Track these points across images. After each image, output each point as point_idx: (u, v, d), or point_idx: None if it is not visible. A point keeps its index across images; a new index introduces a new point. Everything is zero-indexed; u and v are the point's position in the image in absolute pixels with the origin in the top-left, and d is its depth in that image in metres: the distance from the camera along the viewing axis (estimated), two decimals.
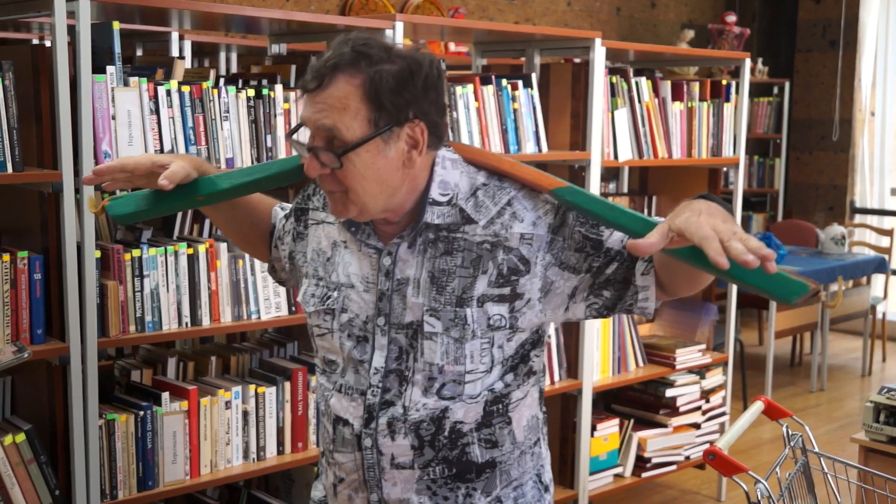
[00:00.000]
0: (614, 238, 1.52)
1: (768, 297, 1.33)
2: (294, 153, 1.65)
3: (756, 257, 1.19)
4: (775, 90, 7.66)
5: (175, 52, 3.64)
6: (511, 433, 1.58)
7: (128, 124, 2.50)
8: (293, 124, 2.80)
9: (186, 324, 2.67)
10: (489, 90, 3.19)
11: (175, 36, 3.62)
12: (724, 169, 4.58)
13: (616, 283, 1.52)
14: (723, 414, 4.13)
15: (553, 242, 1.51)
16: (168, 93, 2.57)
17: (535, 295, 1.52)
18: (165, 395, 2.66)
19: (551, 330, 3.49)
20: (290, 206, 1.79)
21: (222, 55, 4.27)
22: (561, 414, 3.64)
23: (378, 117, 1.43)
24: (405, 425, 1.52)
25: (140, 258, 2.57)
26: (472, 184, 1.54)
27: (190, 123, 2.60)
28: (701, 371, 4.03)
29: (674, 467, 3.96)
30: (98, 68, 2.44)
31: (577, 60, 3.86)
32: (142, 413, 2.60)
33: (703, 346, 4.05)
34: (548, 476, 1.69)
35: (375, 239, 1.55)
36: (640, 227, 1.45)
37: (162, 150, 2.55)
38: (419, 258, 1.52)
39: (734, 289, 4.16)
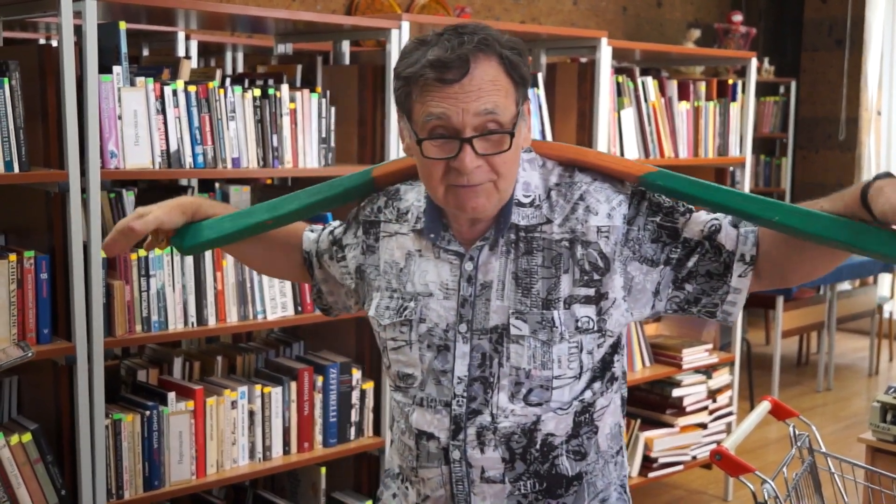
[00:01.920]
0: (692, 227, 1.49)
1: (884, 259, 1.33)
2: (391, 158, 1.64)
3: None
4: (781, 89, 7.66)
5: (181, 52, 3.65)
6: (596, 443, 1.55)
7: (134, 124, 2.50)
8: (299, 124, 2.80)
9: (192, 324, 2.68)
10: None
11: (181, 36, 3.63)
12: (731, 168, 4.57)
13: (699, 276, 1.48)
14: (729, 414, 4.13)
15: (629, 234, 1.48)
16: (174, 92, 2.58)
17: (619, 294, 1.48)
18: (171, 395, 2.67)
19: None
20: (318, 227, 1.77)
21: (228, 55, 4.28)
22: None
23: (519, 94, 1.43)
24: (495, 436, 1.48)
25: (146, 258, 2.58)
26: (546, 185, 1.52)
27: (196, 123, 2.61)
28: (707, 371, 4.03)
29: (680, 467, 3.95)
30: (104, 68, 2.45)
31: (583, 60, 3.87)
32: (148, 413, 2.61)
33: (710, 346, 4.04)
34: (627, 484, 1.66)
35: (457, 244, 1.52)
36: (739, 203, 1.43)
37: (168, 150, 2.56)
38: (502, 259, 1.49)
39: None
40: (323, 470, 2.99)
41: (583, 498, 1.55)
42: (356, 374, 2.97)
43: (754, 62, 4.12)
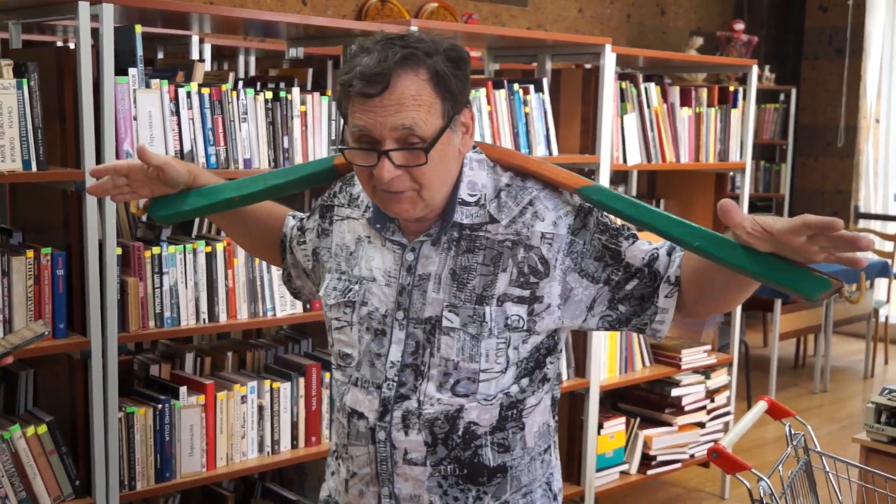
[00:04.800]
0: (634, 254, 1.53)
1: (791, 293, 1.36)
2: (327, 154, 1.67)
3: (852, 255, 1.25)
4: (782, 97, 7.69)
5: (195, 55, 3.67)
6: (522, 439, 1.58)
7: (149, 125, 2.53)
8: (310, 126, 2.83)
9: (204, 320, 2.71)
10: (501, 94, 3.23)
11: (195, 39, 3.64)
12: (731, 173, 4.62)
13: (633, 299, 1.53)
14: (727, 413, 4.17)
15: (573, 245, 1.52)
16: (188, 95, 2.60)
17: (554, 301, 1.52)
18: (183, 390, 2.70)
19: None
20: (300, 214, 1.81)
21: (241, 58, 4.31)
22: (569, 412, 3.68)
23: (447, 107, 1.44)
24: (419, 420, 1.52)
25: (160, 255, 2.61)
26: (496, 185, 1.55)
27: (209, 125, 2.64)
28: (706, 371, 4.07)
29: (679, 465, 4.00)
30: (120, 70, 2.48)
31: (587, 66, 3.91)
32: (160, 406, 2.65)
33: (709, 347, 4.08)
34: (557, 485, 1.68)
35: (400, 235, 1.56)
36: (665, 225, 1.47)
37: (181, 151, 2.59)
38: (442, 255, 1.53)
39: None
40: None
41: (504, 490, 1.58)
42: None
43: (755, 70, 4.16)
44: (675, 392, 3.96)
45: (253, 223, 1.81)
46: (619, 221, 1.57)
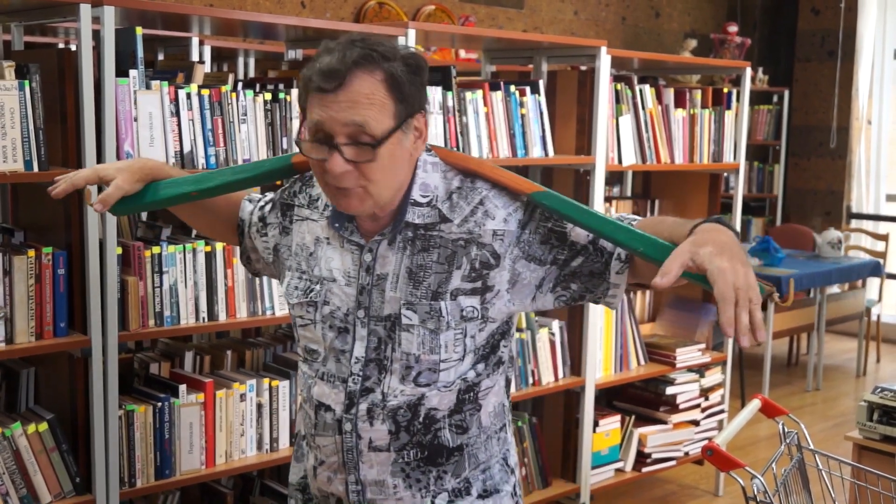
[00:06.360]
0: (579, 233, 1.59)
1: None
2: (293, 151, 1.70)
3: (749, 339, 1.30)
4: (775, 98, 7.73)
5: (195, 57, 3.68)
6: (478, 419, 1.66)
7: (149, 126, 2.55)
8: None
9: (203, 319, 2.73)
10: (498, 96, 3.26)
11: (195, 41, 3.65)
12: (725, 174, 4.65)
13: (583, 276, 1.60)
14: (721, 411, 4.20)
15: (521, 236, 1.59)
16: (188, 96, 2.62)
17: (503, 286, 1.59)
18: (183, 388, 2.72)
19: (556, 328, 3.57)
20: (257, 196, 1.87)
21: (240, 60, 4.33)
22: (564, 410, 3.71)
23: (399, 109, 1.50)
24: (383, 411, 1.60)
25: (160, 255, 2.63)
26: (448, 188, 1.62)
27: (209, 125, 2.66)
28: (700, 370, 4.10)
29: (673, 463, 4.03)
30: (121, 72, 2.49)
31: (583, 68, 3.93)
32: (160, 404, 2.66)
33: (703, 346, 4.11)
34: (513, 460, 1.77)
35: (358, 236, 1.63)
36: (611, 231, 1.53)
37: (181, 151, 2.61)
38: (398, 255, 1.60)
39: None
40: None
41: (463, 467, 1.66)
42: None
43: (749, 71, 4.19)
44: (669, 390, 3.99)
45: (210, 209, 1.86)
46: None
